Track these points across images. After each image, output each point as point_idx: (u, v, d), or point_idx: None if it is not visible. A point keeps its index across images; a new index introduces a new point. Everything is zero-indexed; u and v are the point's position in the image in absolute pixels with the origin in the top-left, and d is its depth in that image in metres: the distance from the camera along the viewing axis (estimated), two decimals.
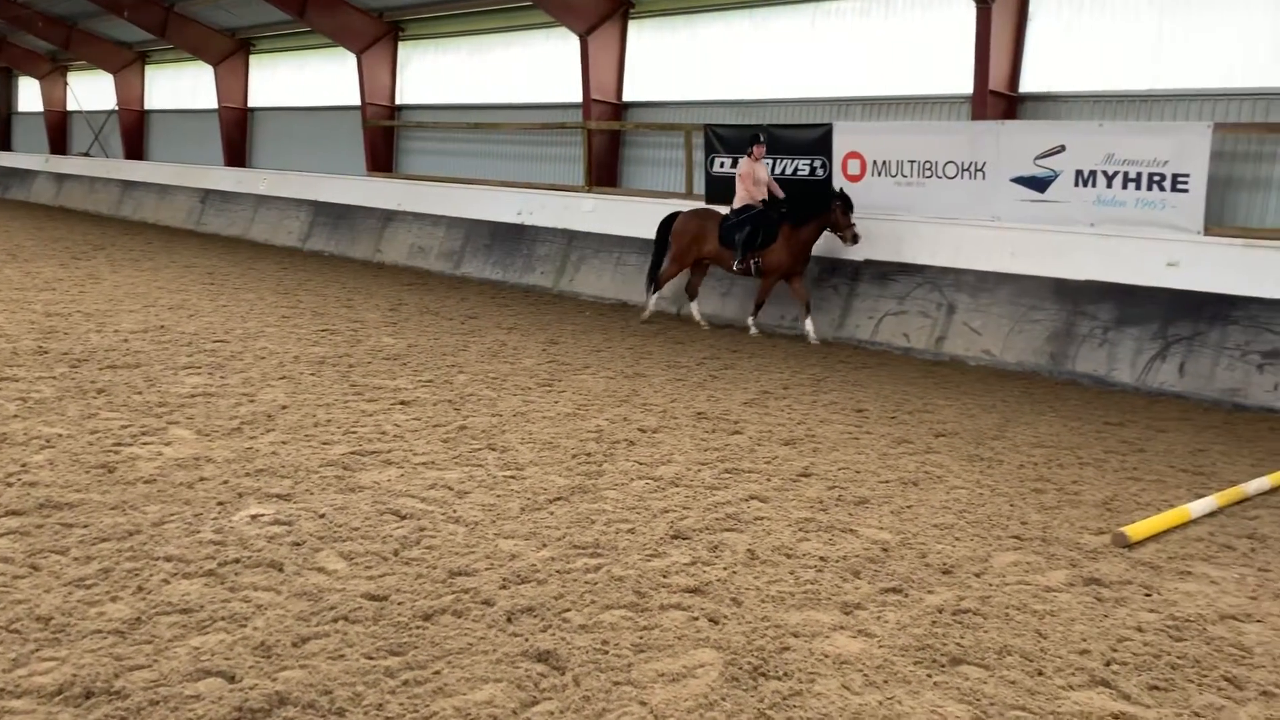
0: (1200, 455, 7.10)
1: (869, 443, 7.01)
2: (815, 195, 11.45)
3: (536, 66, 17.98)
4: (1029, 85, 11.77)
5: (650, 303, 12.45)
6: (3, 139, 38.03)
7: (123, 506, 4.98)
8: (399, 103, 20.84)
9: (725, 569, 4.56)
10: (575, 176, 16.85)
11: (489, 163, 18.89)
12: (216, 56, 24.94)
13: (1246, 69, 10.23)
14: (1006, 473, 6.42)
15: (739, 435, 7.03)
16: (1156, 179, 9.96)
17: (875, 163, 11.93)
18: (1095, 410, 8.47)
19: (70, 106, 33.47)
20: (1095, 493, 6.05)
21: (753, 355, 10.35)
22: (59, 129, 33.78)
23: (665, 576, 4.43)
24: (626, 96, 16.38)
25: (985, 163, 11.07)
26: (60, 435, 6.13)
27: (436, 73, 20.10)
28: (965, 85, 11.90)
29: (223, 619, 3.82)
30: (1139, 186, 10.07)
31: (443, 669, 3.53)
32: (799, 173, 12.54)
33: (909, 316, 11.16)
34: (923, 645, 3.88)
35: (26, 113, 37.25)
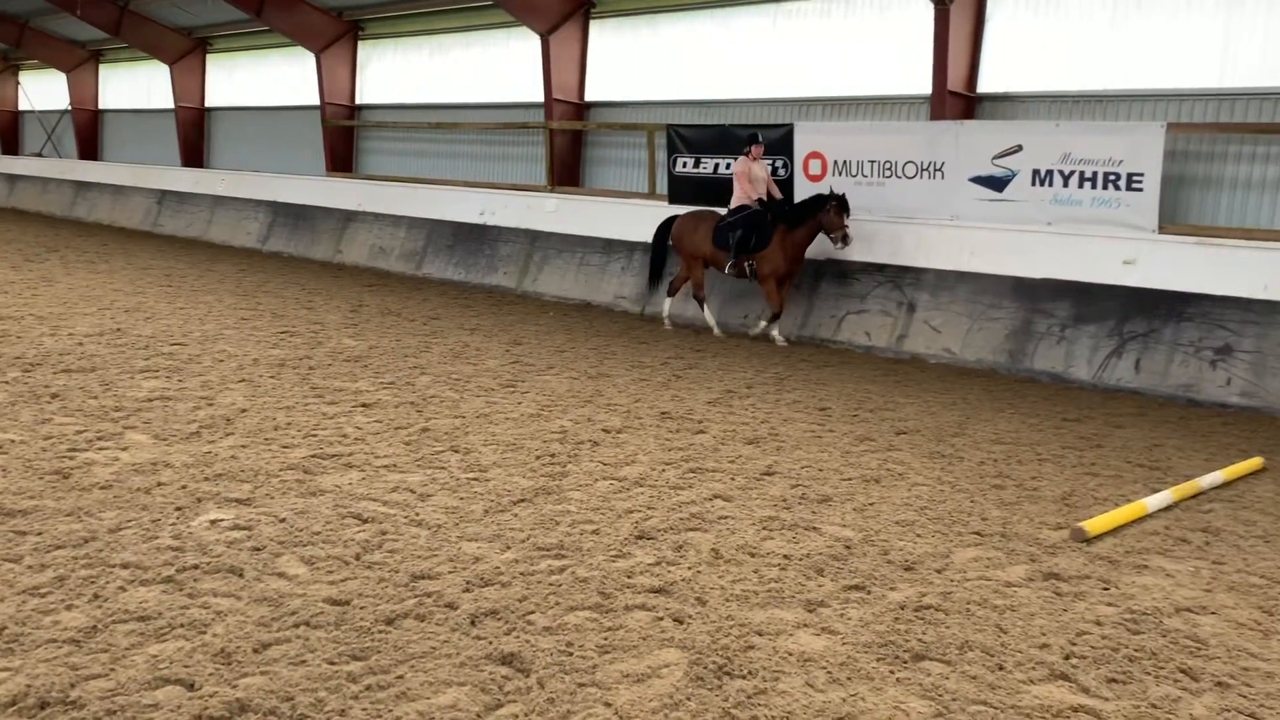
0: (1156, 450, 7.22)
1: (831, 441, 7.05)
2: (811, 196, 11.22)
3: (498, 66, 17.91)
4: (987, 85, 11.90)
5: (666, 308, 12.26)
6: None
7: (78, 513, 4.89)
8: (359, 102, 20.68)
9: (690, 569, 4.57)
10: (538, 176, 16.81)
11: (451, 163, 18.80)
12: (172, 55, 24.62)
13: (1199, 70, 10.41)
14: (967, 469, 6.49)
15: (703, 435, 7.05)
16: (1112, 178, 10.11)
17: (836, 163, 11.99)
18: (1053, 407, 8.58)
19: (22, 106, 32.88)
20: (1054, 488, 6.13)
21: (716, 355, 10.38)
22: (11, 129, 33.22)
23: (630, 577, 4.43)
24: (589, 96, 16.36)
25: (944, 162, 11.17)
26: (13, 441, 6.02)
27: (397, 72, 19.97)
28: (925, 86, 12.01)
29: (181, 626, 3.77)
30: (1095, 185, 10.21)
31: (406, 673, 3.50)
32: None
33: (870, 315, 11.24)
34: (885, 642, 3.91)
35: None
